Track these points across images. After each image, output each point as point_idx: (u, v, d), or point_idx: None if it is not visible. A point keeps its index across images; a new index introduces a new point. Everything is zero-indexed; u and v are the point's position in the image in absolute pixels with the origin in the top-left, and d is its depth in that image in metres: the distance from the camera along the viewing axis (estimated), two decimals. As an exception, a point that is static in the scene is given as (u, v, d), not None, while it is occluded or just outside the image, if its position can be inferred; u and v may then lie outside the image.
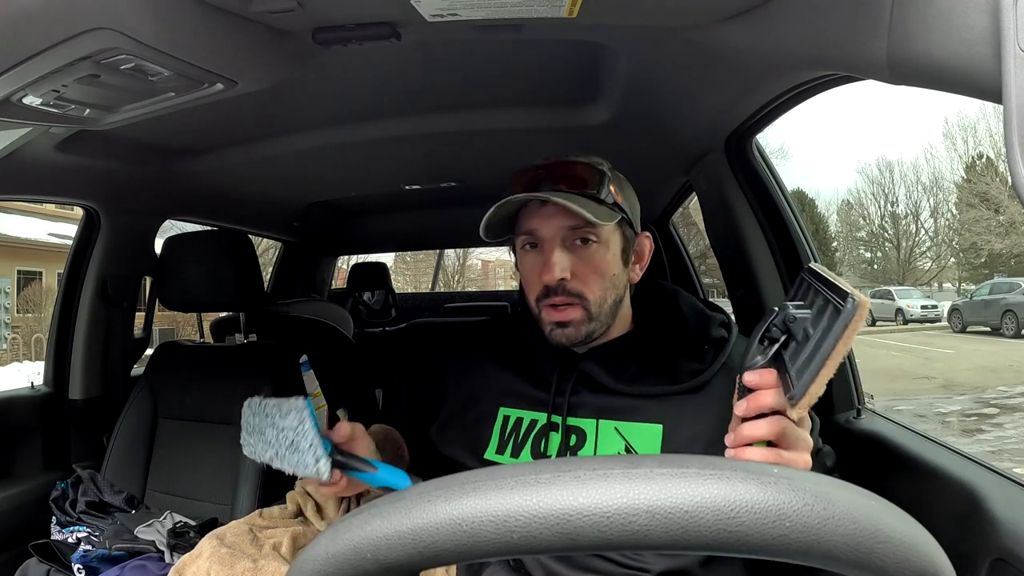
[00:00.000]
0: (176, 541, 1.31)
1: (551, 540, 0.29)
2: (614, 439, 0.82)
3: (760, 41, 0.73)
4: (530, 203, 0.83)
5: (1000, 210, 21.09)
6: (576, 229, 0.82)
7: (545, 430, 0.85)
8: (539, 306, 0.84)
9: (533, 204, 0.83)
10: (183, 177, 1.50)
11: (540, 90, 1.17)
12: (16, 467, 1.55)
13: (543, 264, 0.82)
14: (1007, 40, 0.38)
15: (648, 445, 0.80)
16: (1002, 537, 0.68)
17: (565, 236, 0.82)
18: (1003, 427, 6.25)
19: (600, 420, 0.83)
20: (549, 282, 0.81)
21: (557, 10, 0.71)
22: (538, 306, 0.85)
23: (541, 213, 0.83)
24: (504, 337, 0.97)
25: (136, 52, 0.67)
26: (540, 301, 0.84)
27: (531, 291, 0.86)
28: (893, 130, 40.12)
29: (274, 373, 1.55)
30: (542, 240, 0.83)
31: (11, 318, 13.01)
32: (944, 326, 15.98)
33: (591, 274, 0.83)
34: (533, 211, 0.83)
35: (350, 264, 3.27)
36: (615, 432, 0.82)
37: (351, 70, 1.01)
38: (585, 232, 0.82)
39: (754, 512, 0.28)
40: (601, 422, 0.83)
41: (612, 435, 0.82)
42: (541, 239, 0.83)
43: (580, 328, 0.83)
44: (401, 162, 1.56)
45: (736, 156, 1.26)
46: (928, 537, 0.30)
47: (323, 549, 0.31)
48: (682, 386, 0.83)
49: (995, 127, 21.69)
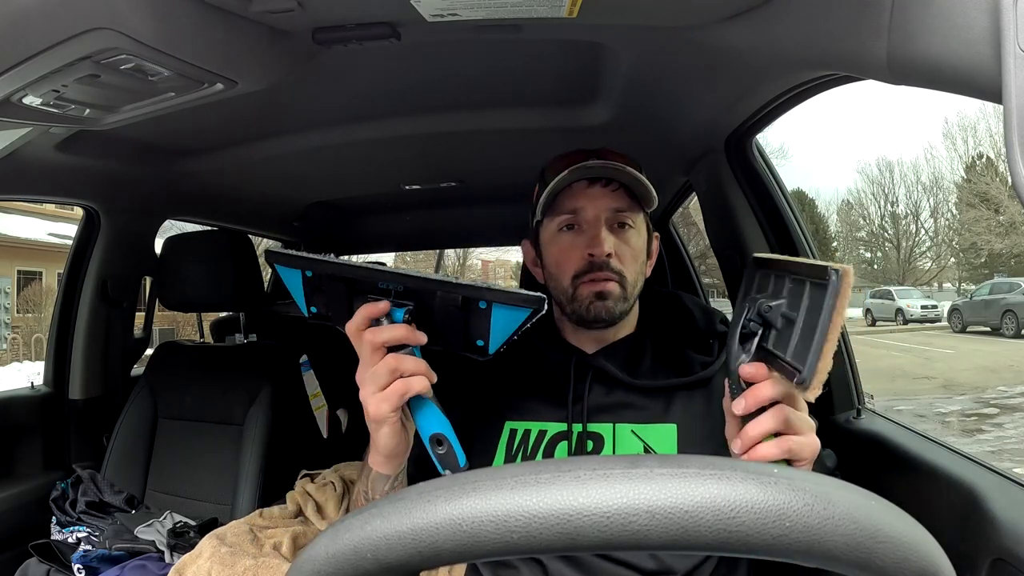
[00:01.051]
0: (176, 541, 1.31)
1: (551, 540, 0.29)
2: (632, 442, 0.81)
3: (760, 41, 0.73)
4: (575, 184, 0.83)
5: (1000, 210, 21.11)
6: (619, 212, 0.83)
7: (558, 438, 0.83)
8: (575, 283, 0.83)
9: (579, 185, 0.83)
10: (183, 177, 1.50)
11: (540, 90, 1.17)
12: (16, 467, 1.55)
13: (589, 240, 0.82)
14: (1007, 40, 0.38)
15: (665, 446, 0.80)
16: (1002, 537, 0.68)
17: (610, 217, 0.83)
18: (1003, 427, 6.25)
19: (616, 424, 0.82)
20: (599, 256, 0.81)
21: (557, 10, 0.71)
22: (574, 284, 0.83)
23: (588, 193, 0.83)
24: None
25: (136, 52, 0.67)
26: (578, 278, 0.83)
27: (567, 269, 0.84)
28: (893, 130, 40.20)
29: (274, 373, 1.55)
30: (586, 220, 0.83)
31: (11, 318, 13.02)
32: (944, 326, 16.00)
33: (628, 256, 0.83)
34: (578, 191, 0.83)
35: (350, 264, 3.26)
36: (632, 435, 0.81)
37: (351, 70, 1.01)
38: (626, 216, 0.84)
39: (754, 512, 0.28)
40: (618, 426, 0.82)
41: (630, 438, 0.81)
42: (585, 219, 0.83)
43: (617, 304, 0.82)
44: (401, 162, 1.56)
45: (736, 156, 1.26)
46: (928, 537, 0.30)
47: (323, 549, 0.31)
48: (696, 376, 0.83)
49: (995, 127, 21.72)
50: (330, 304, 0.62)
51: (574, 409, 0.83)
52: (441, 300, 0.59)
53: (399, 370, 0.58)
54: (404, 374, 0.59)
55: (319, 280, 0.61)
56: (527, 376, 0.88)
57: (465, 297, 0.59)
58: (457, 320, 0.60)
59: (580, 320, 0.85)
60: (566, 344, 0.89)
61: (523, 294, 0.58)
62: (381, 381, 0.59)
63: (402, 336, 0.58)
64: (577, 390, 0.84)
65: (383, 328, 0.58)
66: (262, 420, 1.50)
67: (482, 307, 0.58)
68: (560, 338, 0.90)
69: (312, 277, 0.61)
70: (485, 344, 0.62)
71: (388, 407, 0.59)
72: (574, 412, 0.83)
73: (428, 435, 0.62)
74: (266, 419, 1.50)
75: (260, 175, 1.59)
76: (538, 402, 0.85)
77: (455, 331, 0.61)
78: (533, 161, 0.92)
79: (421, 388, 0.59)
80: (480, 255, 22.89)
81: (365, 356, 0.59)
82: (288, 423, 1.53)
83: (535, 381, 0.87)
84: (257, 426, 1.50)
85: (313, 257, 0.61)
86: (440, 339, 0.62)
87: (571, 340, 0.89)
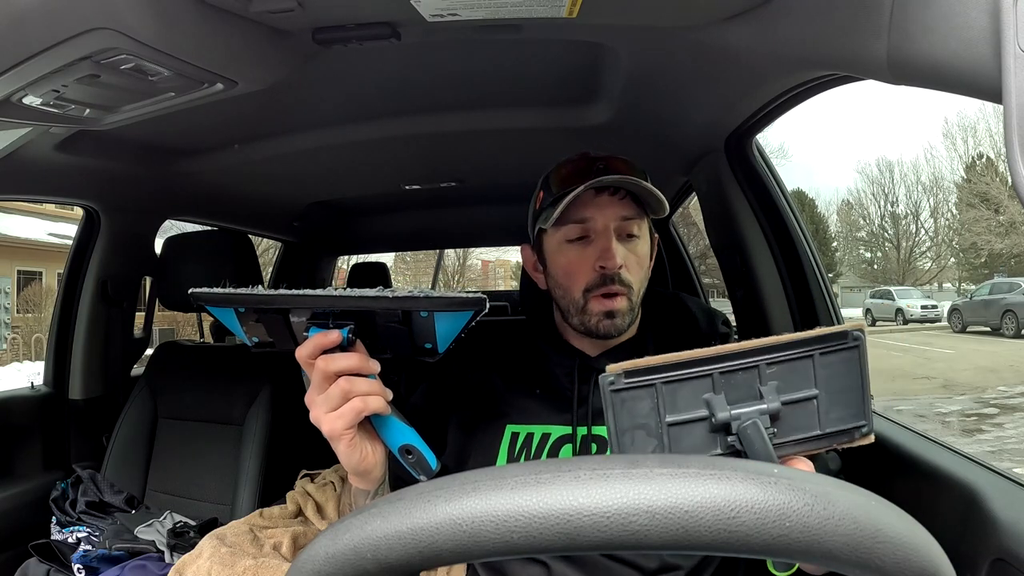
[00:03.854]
0: (176, 541, 1.31)
1: (551, 540, 0.29)
2: None
3: (760, 41, 0.73)
4: (583, 194, 0.82)
5: (1000, 210, 21.11)
6: (627, 220, 0.83)
7: (562, 441, 0.82)
8: (586, 296, 0.82)
9: (587, 195, 0.82)
10: (183, 177, 1.50)
11: (540, 90, 1.17)
12: (16, 467, 1.55)
13: (600, 252, 0.81)
14: (1007, 40, 0.38)
15: None
16: (1002, 537, 0.68)
17: (618, 226, 0.82)
18: (1003, 427, 6.25)
19: None
20: (611, 269, 0.80)
21: (557, 10, 0.71)
22: (585, 297, 0.83)
23: (596, 203, 0.82)
24: (507, 344, 0.95)
25: (136, 52, 0.67)
26: (590, 291, 0.82)
27: (578, 282, 0.83)
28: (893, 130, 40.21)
29: (274, 373, 1.55)
30: (596, 229, 0.82)
31: (11, 318, 13.01)
32: (944, 326, 16.00)
33: (635, 266, 0.83)
34: (587, 200, 0.82)
35: (350, 264, 3.27)
36: None
37: (351, 70, 1.01)
38: (632, 224, 0.83)
39: (754, 512, 0.28)
40: None
41: None
42: (595, 228, 0.82)
43: (624, 318, 0.82)
44: (401, 162, 1.56)
45: (736, 156, 1.26)
46: (928, 537, 0.30)
47: (323, 549, 0.31)
48: None
49: (995, 127, 21.72)
50: (270, 333, 0.61)
51: (578, 412, 0.82)
52: (381, 316, 0.58)
53: (352, 392, 0.58)
54: (359, 395, 0.59)
55: (253, 313, 0.60)
56: (529, 380, 0.87)
57: (405, 311, 0.58)
58: (401, 330, 0.59)
59: (587, 332, 0.84)
60: (569, 347, 0.89)
61: (462, 298, 0.57)
62: (334, 404, 0.58)
63: (355, 366, 0.58)
64: (581, 392, 0.83)
65: (336, 357, 0.57)
66: (262, 420, 1.50)
67: (424, 316, 0.57)
68: (563, 341, 0.90)
69: (245, 312, 0.60)
70: (434, 346, 0.61)
71: (342, 424, 0.59)
72: (578, 415, 0.82)
73: (397, 448, 0.62)
74: (266, 419, 1.50)
75: (260, 175, 1.59)
76: (541, 405, 0.84)
77: (401, 340, 0.60)
78: (533, 161, 0.92)
79: (377, 407, 0.59)
80: (480, 255, 22.91)
81: (316, 382, 0.59)
82: (288, 423, 1.53)
83: (538, 385, 0.87)
84: (257, 426, 1.50)
85: (242, 293, 0.59)
86: (388, 348, 0.62)
87: (574, 343, 0.89)
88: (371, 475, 0.65)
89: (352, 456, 0.61)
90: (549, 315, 0.94)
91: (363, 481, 0.66)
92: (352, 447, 0.61)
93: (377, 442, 0.64)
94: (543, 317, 0.94)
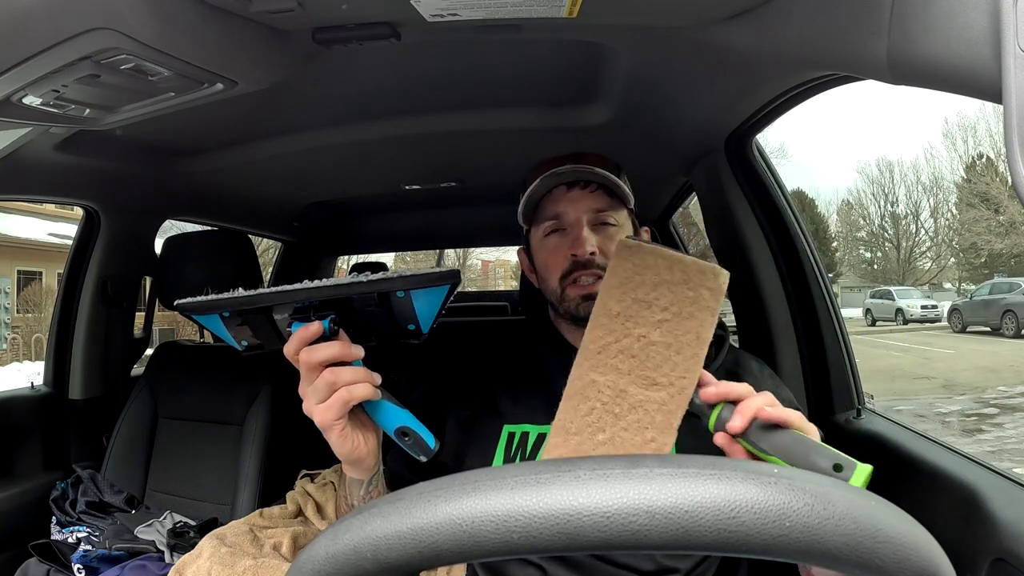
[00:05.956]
0: (176, 541, 1.31)
1: (551, 540, 0.29)
2: None
3: (760, 41, 0.73)
4: (555, 190, 0.87)
5: (1000, 210, 21.11)
6: (600, 212, 0.86)
7: None
8: (563, 285, 0.86)
9: (559, 190, 0.87)
10: (183, 177, 1.50)
11: (540, 90, 1.17)
12: (16, 467, 1.55)
13: (572, 241, 0.85)
14: (1007, 40, 0.38)
15: None
16: (1002, 537, 0.68)
17: (591, 217, 0.86)
18: (1003, 427, 6.25)
19: None
20: (581, 256, 0.83)
21: (557, 10, 0.71)
22: (561, 285, 0.86)
23: (568, 197, 0.86)
24: (506, 344, 0.96)
25: (136, 52, 0.67)
26: (564, 279, 0.85)
27: (555, 271, 0.86)
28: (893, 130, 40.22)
29: (274, 373, 1.55)
30: (569, 222, 0.86)
31: (11, 318, 13.02)
32: (944, 326, 16.00)
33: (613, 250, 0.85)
34: (559, 196, 0.87)
35: (350, 264, 3.27)
36: None
37: (351, 70, 1.01)
38: (607, 215, 0.86)
39: (754, 512, 0.28)
40: None
41: None
42: (568, 221, 0.86)
43: None
44: (401, 162, 1.56)
45: (736, 156, 1.26)
46: (928, 537, 0.30)
47: (323, 549, 0.31)
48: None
49: (995, 127, 21.73)
50: (258, 334, 0.62)
51: None
52: (359, 301, 0.60)
53: (337, 383, 0.59)
54: (344, 385, 0.60)
55: (237, 316, 0.61)
56: (528, 380, 0.88)
57: (381, 293, 0.59)
58: (381, 314, 0.61)
59: (574, 319, 0.86)
60: (565, 343, 0.89)
61: (435, 273, 0.58)
62: (321, 395, 0.60)
63: (337, 354, 0.59)
64: None
65: (317, 348, 0.59)
66: (262, 420, 1.50)
67: (400, 296, 0.58)
68: (559, 337, 0.91)
69: (229, 316, 0.61)
70: (417, 327, 0.62)
71: (332, 415, 0.60)
72: None
73: (393, 431, 0.63)
74: (266, 419, 1.50)
75: (260, 175, 1.59)
76: (538, 405, 0.84)
77: (383, 324, 0.62)
78: (533, 161, 0.92)
79: (364, 394, 0.60)
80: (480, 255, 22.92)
81: (304, 374, 0.61)
82: (288, 423, 1.53)
83: (535, 384, 0.87)
84: (257, 426, 1.50)
85: (223, 297, 0.60)
86: (372, 334, 0.63)
87: (570, 339, 0.89)
88: (364, 464, 0.66)
89: (344, 445, 0.63)
90: (546, 315, 0.95)
91: (356, 471, 0.67)
92: (343, 436, 0.62)
93: (370, 432, 0.65)
94: (542, 317, 0.95)
